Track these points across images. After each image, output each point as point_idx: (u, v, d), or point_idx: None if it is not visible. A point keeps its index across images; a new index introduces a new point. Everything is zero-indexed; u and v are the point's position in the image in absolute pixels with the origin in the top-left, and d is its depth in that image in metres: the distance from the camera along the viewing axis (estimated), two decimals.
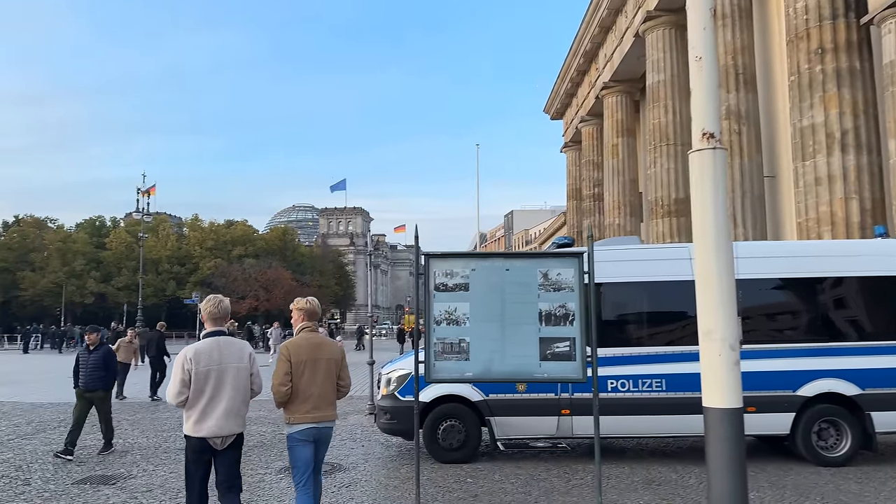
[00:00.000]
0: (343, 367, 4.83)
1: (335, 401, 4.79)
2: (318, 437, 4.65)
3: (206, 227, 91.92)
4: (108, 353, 8.81)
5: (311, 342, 4.71)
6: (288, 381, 4.56)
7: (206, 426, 4.30)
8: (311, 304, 4.90)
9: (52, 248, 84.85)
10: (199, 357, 4.36)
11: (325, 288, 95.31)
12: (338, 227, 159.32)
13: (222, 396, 4.35)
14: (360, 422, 10.96)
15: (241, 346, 4.60)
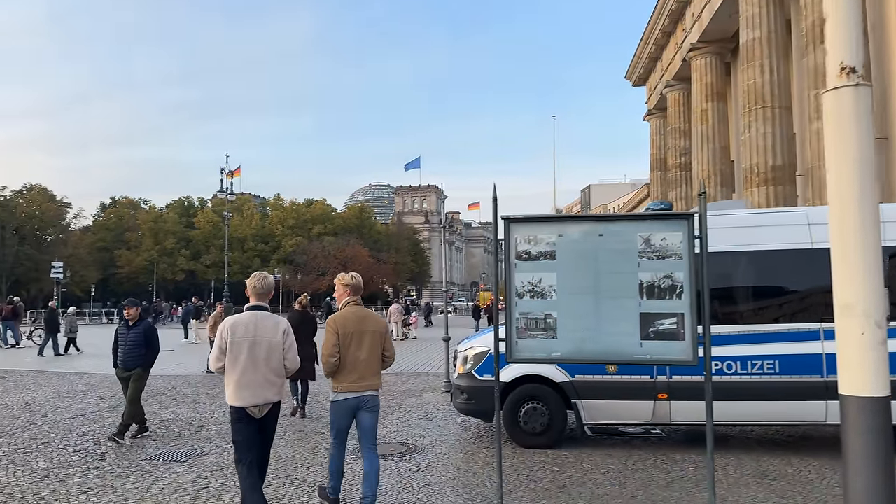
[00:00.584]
0: (387, 340, 5.00)
1: (380, 371, 4.97)
2: (361, 405, 4.85)
3: (288, 207, 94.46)
4: (148, 330, 7.92)
5: (357, 315, 4.90)
6: (336, 353, 4.78)
7: (242, 396, 4.54)
8: (355, 279, 5.10)
9: (145, 228, 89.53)
10: (235, 328, 4.59)
11: (401, 265, 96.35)
12: (412, 204, 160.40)
13: (256, 367, 4.56)
14: (436, 400, 10.53)
15: (276, 322, 4.73)
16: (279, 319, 4.79)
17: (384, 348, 4.96)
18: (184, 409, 9.84)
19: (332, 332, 4.84)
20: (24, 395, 11.04)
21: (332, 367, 4.80)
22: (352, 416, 4.87)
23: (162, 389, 11.92)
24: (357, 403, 4.82)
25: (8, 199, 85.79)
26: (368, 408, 4.89)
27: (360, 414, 4.85)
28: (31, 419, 8.84)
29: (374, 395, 4.92)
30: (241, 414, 4.56)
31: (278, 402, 4.72)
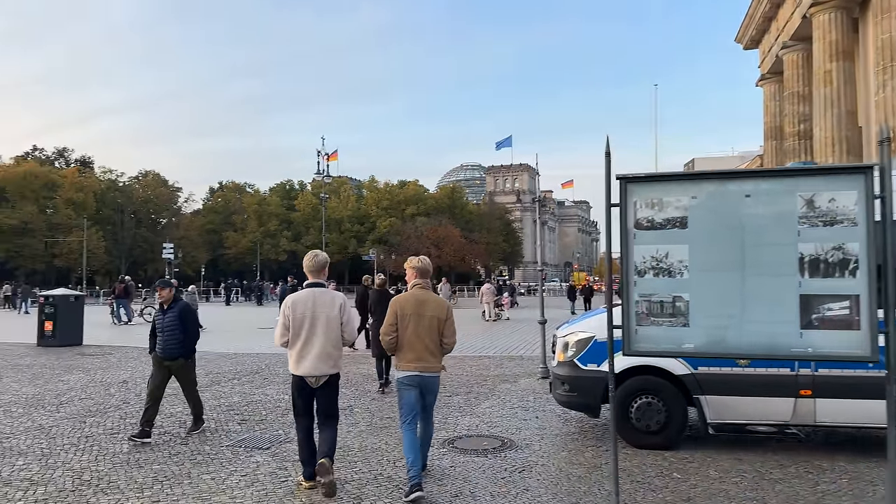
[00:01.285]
0: (447, 325, 5.06)
1: (438, 353, 5.04)
2: (421, 383, 5.00)
3: (382, 188, 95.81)
4: (184, 312, 6.88)
5: (417, 298, 5.05)
6: (392, 332, 5.00)
7: (302, 366, 4.91)
8: (422, 262, 5.26)
9: (250, 211, 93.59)
10: (295, 305, 4.96)
11: (493, 245, 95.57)
12: (504, 184, 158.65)
13: (315, 341, 4.90)
14: (532, 387, 9.77)
15: (333, 297, 5.05)
16: (335, 294, 5.10)
17: (443, 334, 5.04)
18: (273, 389, 9.62)
19: (391, 312, 5.07)
20: (123, 373, 11.26)
21: (387, 345, 5.05)
22: (416, 393, 5.03)
23: (255, 368, 11.87)
24: (417, 381, 4.99)
25: (126, 184, 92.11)
26: (431, 389, 5.09)
27: (423, 392, 5.06)
28: (125, 398, 8.87)
29: (432, 376, 5.04)
30: (300, 382, 4.99)
31: (336, 374, 5.06)
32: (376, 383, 10.17)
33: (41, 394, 9.09)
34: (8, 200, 73.89)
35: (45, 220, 74.70)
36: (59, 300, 16.11)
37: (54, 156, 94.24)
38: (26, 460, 5.73)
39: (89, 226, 74.65)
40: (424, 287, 5.19)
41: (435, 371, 5.04)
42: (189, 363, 7.05)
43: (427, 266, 5.24)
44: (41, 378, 10.55)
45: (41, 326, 15.85)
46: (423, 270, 5.20)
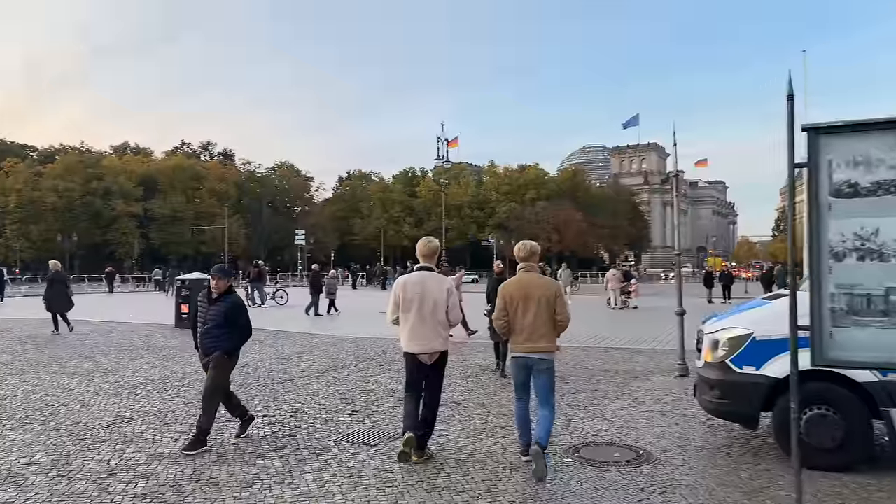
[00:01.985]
0: (559, 303, 5.15)
1: (549, 333, 5.13)
2: (532, 364, 5.14)
3: (501, 173, 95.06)
4: (233, 308, 5.91)
5: (522, 282, 5.24)
6: (502, 316, 5.23)
7: (412, 344, 5.28)
8: (525, 246, 5.38)
9: (375, 198, 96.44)
10: (405, 286, 5.33)
11: (618, 229, 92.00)
12: (630, 165, 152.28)
13: (424, 321, 5.23)
14: (669, 386, 8.71)
15: (440, 280, 5.37)
16: (443, 279, 5.43)
17: (556, 312, 5.11)
18: (387, 377, 9.28)
19: (500, 296, 5.28)
20: (247, 356, 11.40)
21: (500, 328, 5.30)
22: (526, 374, 5.19)
23: (372, 354, 11.66)
24: (529, 363, 5.14)
25: (263, 175, 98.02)
26: (541, 369, 5.14)
27: (534, 374, 5.17)
28: (243, 382, 8.85)
29: (544, 357, 5.13)
30: (411, 359, 5.36)
31: (445, 352, 5.39)
32: (493, 375, 9.60)
33: (166, 376, 9.32)
34: (160, 191, 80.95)
35: (192, 210, 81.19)
36: (194, 284, 16.90)
37: (199, 149, 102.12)
38: (136, 448, 5.66)
39: (231, 214, 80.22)
40: (529, 270, 5.31)
41: (545, 352, 5.12)
42: (224, 360, 5.80)
43: (529, 249, 5.34)
44: (170, 359, 10.93)
45: (178, 309, 16.75)
46: (527, 254, 5.32)
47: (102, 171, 78.57)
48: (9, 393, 7.94)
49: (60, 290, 15.09)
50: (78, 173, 75.94)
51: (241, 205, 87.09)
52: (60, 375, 9.28)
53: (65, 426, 6.37)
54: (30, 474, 4.89)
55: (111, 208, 75.85)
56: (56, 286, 15.13)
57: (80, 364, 10.34)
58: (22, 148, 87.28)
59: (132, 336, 14.56)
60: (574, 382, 8.87)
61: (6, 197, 70.82)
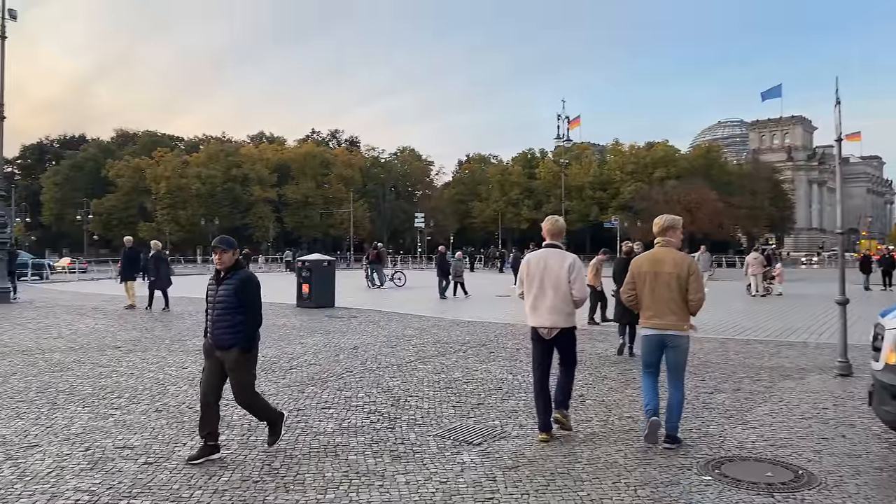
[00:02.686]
0: (692, 282, 4.98)
1: (680, 311, 4.99)
2: (660, 342, 5.08)
3: (626, 151, 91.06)
4: (241, 284, 4.74)
5: (653, 257, 5.18)
6: (629, 291, 5.25)
7: (535, 318, 5.34)
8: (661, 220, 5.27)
9: (494, 181, 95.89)
10: (530, 262, 5.42)
11: (757, 209, 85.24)
12: (771, 140, 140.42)
13: (545, 296, 5.24)
14: (828, 388, 7.38)
15: (564, 257, 5.30)
16: (566, 255, 5.34)
17: (687, 290, 4.98)
18: (498, 366, 8.65)
19: (630, 270, 5.32)
20: (357, 337, 11.25)
21: (628, 302, 5.34)
22: (656, 351, 5.13)
23: (484, 339, 11.09)
24: (659, 339, 5.08)
25: (386, 160, 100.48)
26: (671, 346, 5.07)
27: (665, 350, 5.09)
28: (350, 366, 8.58)
29: (674, 334, 5.05)
30: (534, 334, 5.41)
31: (569, 329, 5.32)
32: (614, 367, 8.77)
33: (278, 356, 9.26)
34: (292, 178, 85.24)
35: (321, 195, 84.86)
36: (314, 265, 17.21)
37: (328, 137, 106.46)
38: (230, 435, 5.43)
39: (356, 199, 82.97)
40: (665, 245, 5.20)
41: (674, 329, 5.02)
42: (243, 359, 4.79)
43: (666, 223, 5.24)
44: (286, 339, 10.96)
45: (299, 289, 17.10)
46: (662, 228, 5.24)
47: (241, 160, 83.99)
48: (126, 370, 8.15)
49: (164, 270, 16.11)
50: (219, 161, 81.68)
51: (366, 189, 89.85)
52: (178, 353, 9.50)
53: (168, 407, 6.32)
54: (120, 459, 4.75)
55: (249, 194, 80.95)
56: (160, 266, 16.10)
57: (199, 342, 10.57)
58: (170, 139, 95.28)
59: None
60: (711, 380, 7.78)
61: (157, 184, 77.61)
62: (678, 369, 5.10)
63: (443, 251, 22.23)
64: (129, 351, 9.66)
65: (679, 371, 5.11)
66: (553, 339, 5.30)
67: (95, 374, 7.91)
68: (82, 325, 12.84)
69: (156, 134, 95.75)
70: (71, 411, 6.10)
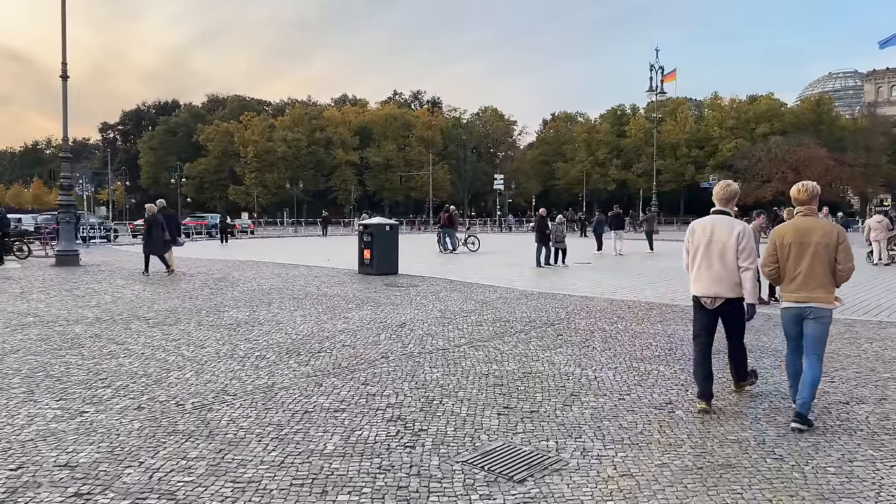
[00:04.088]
0: (840, 251, 4.70)
1: (827, 283, 4.73)
2: (804, 314, 4.79)
3: (727, 106, 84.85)
4: None
5: (798, 227, 4.84)
6: (771, 262, 4.93)
7: (697, 286, 5.18)
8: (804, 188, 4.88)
9: (580, 140, 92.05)
10: (694, 230, 5.23)
11: (874, 167, 77.43)
12: (890, 92, 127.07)
13: (709, 264, 5.07)
14: None
15: (731, 225, 5.06)
16: (735, 223, 5.09)
17: (836, 260, 4.69)
18: (564, 355, 7.12)
19: (770, 241, 4.96)
20: (410, 312, 10.00)
21: (769, 276, 5.02)
22: (797, 324, 4.85)
23: (552, 317, 9.55)
24: (799, 312, 4.81)
25: (468, 121, 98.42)
26: (813, 318, 4.76)
27: (805, 322, 4.81)
28: (388, 349, 7.32)
29: (816, 307, 4.73)
30: (696, 302, 5.24)
31: (737, 299, 5.04)
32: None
33: (311, 334, 8.14)
34: (374, 140, 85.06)
35: (402, 157, 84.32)
36: (376, 229, 16.09)
37: (410, 98, 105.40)
38: (199, 452, 4.24)
39: (436, 161, 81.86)
40: (808, 214, 4.88)
41: (818, 301, 4.73)
42: None
43: (810, 190, 4.86)
44: (329, 312, 9.86)
45: (361, 255, 16.07)
46: (808, 196, 4.85)
47: (324, 123, 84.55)
48: (138, 350, 7.23)
49: (157, 235, 15.29)
50: (304, 125, 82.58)
51: (447, 151, 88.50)
52: (207, 328, 8.57)
53: (153, 404, 5.25)
54: (47, 486, 3.66)
55: (332, 157, 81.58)
56: (153, 229, 15.32)
57: (236, 314, 9.67)
58: (258, 103, 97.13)
59: (313, 282, 14.06)
60: (843, 381, 5.99)
61: (245, 148, 79.40)
62: (819, 343, 4.79)
63: (543, 213, 19.94)
64: (157, 324, 8.82)
65: (819, 346, 4.80)
66: (716, 310, 5.12)
67: (103, 353, 7.04)
68: (128, 292, 12.28)
69: (244, 98, 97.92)
70: (40, 406, 5.15)
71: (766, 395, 5.58)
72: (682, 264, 5.39)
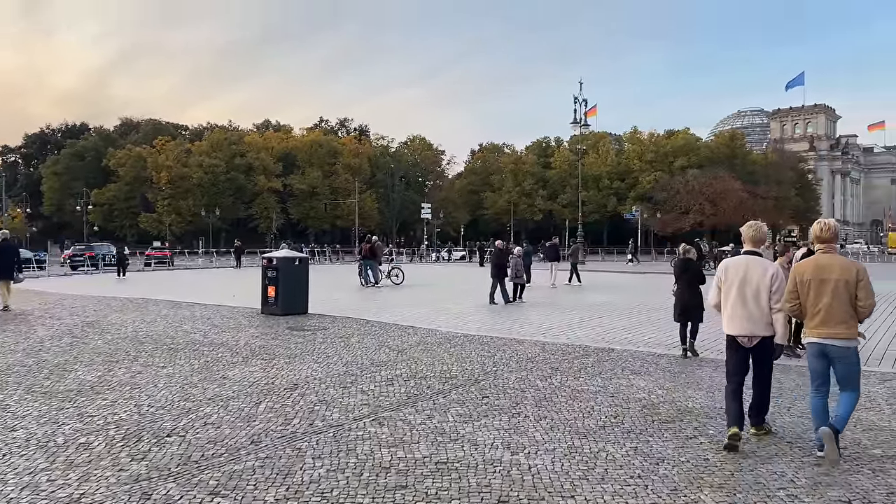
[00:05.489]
0: (861, 288, 4.74)
1: (848, 319, 4.75)
2: (827, 352, 4.82)
3: (646, 140, 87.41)
4: None
5: (818, 264, 4.89)
6: (793, 299, 4.98)
7: (733, 326, 5.21)
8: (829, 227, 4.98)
9: (507, 170, 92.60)
10: (727, 269, 5.33)
11: (783, 200, 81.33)
12: (793, 130, 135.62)
13: (745, 304, 5.13)
14: None
15: (765, 267, 5.21)
16: (768, 265, 5.28)
17: (857, 297, 4.72)
18: (490, 430, 5.67)
19: (791, 278, 5.05)
20: (307, 367, 8.32)
21: (791, 311, 5.06)
22: (824, 363, 4.88)
23: (476, 372, 8.12)
24: (822, 349, 4.85)
25: (396, 150, 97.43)
26: (837, 357, 4.81)
27: (833, 366, 4.86)
28: (265, 428, 5.65)
29: (838, 344, 4.77)
30: (731, 342, 5.27)
31: (770, 337, 5.12)
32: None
33: (170, 405, 6.35)
34: (299, 167, 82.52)
35: (328, 185, 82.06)
36: (282, 263, 14.29)
37: (337, 126, 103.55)
38: None
39: (364, 189, 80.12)
40: (828, 251, 4.94)
41: (841, 338, 4.75)
42: None
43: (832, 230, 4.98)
44: (206, 370, 8.06)
45: (264, 292, 14.21)
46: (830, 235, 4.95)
47: (245, 148, 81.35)
48: None
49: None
50: (223, 150, 79.13)
51: (375, 180, 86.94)
52: (36, 398, 6.62)
53: None
54: None
55: (253, 184, 78.35)
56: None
57: (84, 375, 7.71)
58: (174, 128, 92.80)
59: (203, 326, 12.13)
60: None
61: (159, 174, 75.13)
62: (852, 381, 4.88)
63: (501, 246, 18.02)
64: None
65: (853, 382, 4.88)
66: (751, 348, 5.19)
67: None
68: None
69: (159, 122, 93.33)
70: None
71: None
72: (709, 302, 5.54)
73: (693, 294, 9.36)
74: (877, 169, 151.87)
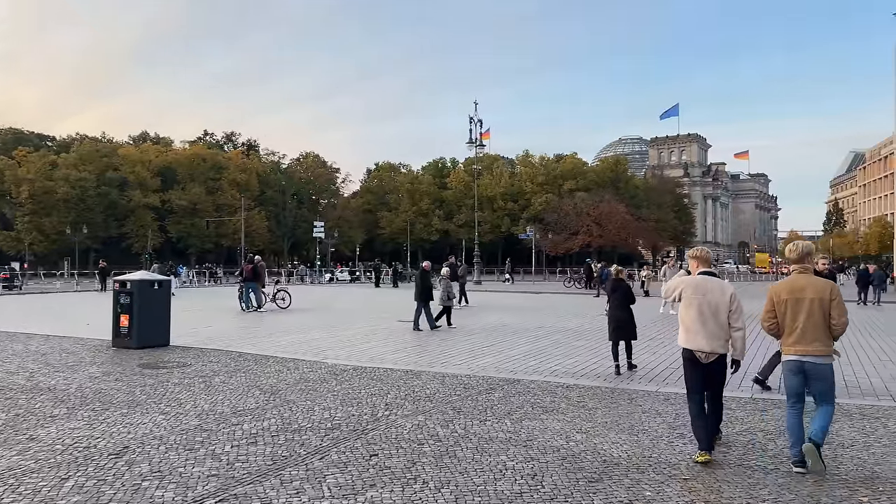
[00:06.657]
0: (834, 306, 4.91)
1: (823, 337, 4.91)
2: (805, 369, 4.94)
3: (537, 163, 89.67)
4: None
5: (793, 284, 5.06)
6: (769, 318, 5.15)
7: (692, 341, 5.34)
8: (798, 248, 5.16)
9: (403, 190, 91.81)
10: (688, 286, 5.48)
11: (663, 222, 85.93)
12: (669, 157, 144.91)
13: (704, 321, 5.29)
14: None
15: (722, 286, 5.43)
16: (725, 284, 5.51)
17: (831, 315, 4.90)
18: (383, 488, 4.34)
19: (768, 298, 5.17)
20: (149, 420, 6.63)
21: (768, 331, 5.22)
22: (796, 374, 4.98)
23: (361, 420, 6.77)
24: (799, 366, 4.95)
25: (288, 166, 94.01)
26: (815, 377, 4.93)
27: (808, 381, 4.96)
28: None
29: (815, 361, 4.90)
30: (689, 355, 5.40)
31: (723, 355, 5.32)
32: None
33: None
34: (179, 182, 77.34)
35: (212, 201, 77.40)
36: (138, 287, 12.20)
37: (223, 140, 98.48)
38: None
39: (252, 207, 76.23)
40: (803, 272, 5.09)
41: (818, 354, 4.90)
42: None
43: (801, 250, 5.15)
44: (10, 428, 6.16)
45: (116, 321, 12.10)
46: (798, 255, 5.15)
47: (119, 161, 75.31)
48: None
49: None
50: (93, 163, 72.74)
51: (265, 197, 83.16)
52: None
53: None
54: None
55: (127, 199, 72.51)
56: None
57: None
58: (39, 138, 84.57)
59: (34, 364, 9.97)
60: None
61: (18, 188, 67.79)
62: (827, 394, 5.00)
63: (427, 267, 16.71)
64: None
65: (829, 396, 5.01)
66: (708, 364, 5.29)
67: None
68: None
69: (20, 132, 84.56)
70: None
71: None
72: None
73: (626, 312, 9.56)
74: (743, 194, 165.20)
